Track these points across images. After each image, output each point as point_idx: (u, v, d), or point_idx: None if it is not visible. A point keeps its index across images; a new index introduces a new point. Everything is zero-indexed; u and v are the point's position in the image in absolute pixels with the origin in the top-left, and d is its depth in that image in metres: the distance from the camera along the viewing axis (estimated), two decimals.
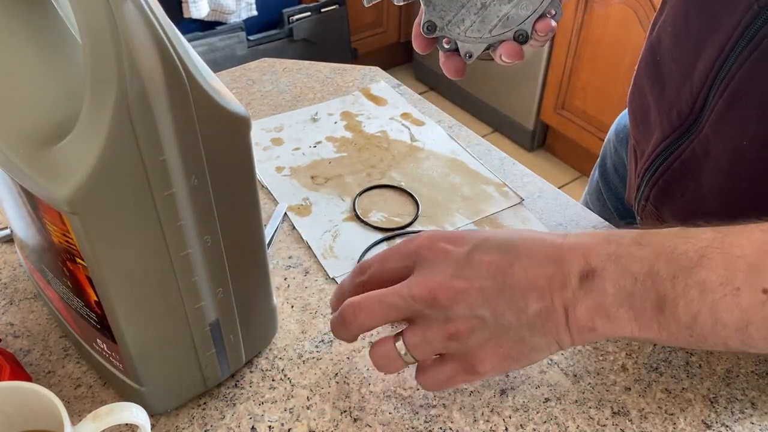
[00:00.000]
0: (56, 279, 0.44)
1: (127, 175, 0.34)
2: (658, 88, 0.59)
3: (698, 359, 0.54)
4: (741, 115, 0.50)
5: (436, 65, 2.80)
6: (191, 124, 0.35)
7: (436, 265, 0.41)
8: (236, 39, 2.15)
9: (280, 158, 0.75)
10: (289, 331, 0.56)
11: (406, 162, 0.75)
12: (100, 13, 0.30)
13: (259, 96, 0.86)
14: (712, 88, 0.52)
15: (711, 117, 0.52)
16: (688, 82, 0.54)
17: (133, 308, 0.40)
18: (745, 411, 0.51)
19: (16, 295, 0.58)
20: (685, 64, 0.55)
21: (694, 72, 0.53)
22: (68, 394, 0.50)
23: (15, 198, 0.41)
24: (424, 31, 0.48)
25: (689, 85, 0.54)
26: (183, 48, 0.33)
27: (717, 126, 0.52)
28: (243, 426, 0.48)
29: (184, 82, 0.34)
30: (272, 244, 0.64)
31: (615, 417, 0.50)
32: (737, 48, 0.48)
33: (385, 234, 0.65)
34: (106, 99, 0.32)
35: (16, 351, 0.53)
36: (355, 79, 0.91)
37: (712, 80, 0.51)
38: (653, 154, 0.60)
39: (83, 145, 0.33)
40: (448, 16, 0.48)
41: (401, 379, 0.52)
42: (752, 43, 0.47)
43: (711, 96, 0.52)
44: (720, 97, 0.51)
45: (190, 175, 0.37)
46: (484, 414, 0.50)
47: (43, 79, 0.38)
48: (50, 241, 0.40)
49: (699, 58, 0.52)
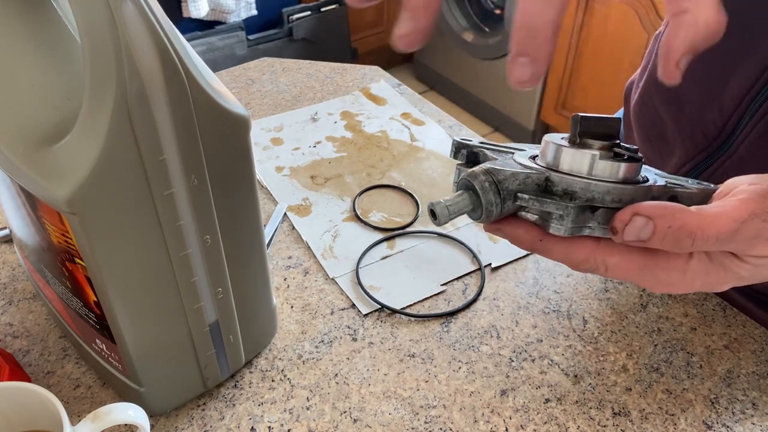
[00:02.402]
0: (55, 279, 0.44)
1: (126, 175, 0.34)
2: (674, 108, 0.58)
3: (699, 359, 0.54)
4: None
5: (436, 65, 2.80)
6: (191, 124, 0.35)
7: None
8: (236, 38, 2.15)
9: (280, 158, 0.75)
10: (289, 331, 0.56)
11: (406, 162, 0.75)
12: (99, 12, 0.30)
13: (259, 96, 0.86)
14: (748, 109, 0.51)
15: (747, 140, 0.52)
16: (715, 103, 0.53)
17: (133, 308, 0.40)
18: (746, 411, 0.51)
19: (15, 295, 0.58)
20: (712, 84, 0.53)
21: (724, 92, 0.52)
22: (67, 394, 0.50)
23: (14, 198, 0.41)
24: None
25: (717, 105, 0.53)
26: (183, 48, 0.33)
27: (755, 149, 0.51)
28: (242, 426, 0.48)
29: (183, 82, 0.34)
30: (272, 244, 0.64)
31: (615, 417, 0.50)
32: None
33: (385, 234, 0.65)
34: (105, 99, 0.32)
35: (15, 351, 0.53)
36: (355, 79, 0.90)
37: (749, 102, 0.50)
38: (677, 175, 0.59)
39: (82, 145, 0.33)
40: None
41: (401, 379, 0.52)
42: None
43: (746, 117, 0.51)
44: (760, 119, 0.50)
45: (190, 175, 0.37)
46: (484, 414, 0.50)
47: (43, 78, 0.37)
48: (49, 241, 0.40)
49: (729, 79, 0.51)
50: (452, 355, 0.54)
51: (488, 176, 0.34)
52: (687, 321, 0.58)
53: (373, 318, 0.57)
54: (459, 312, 0.58)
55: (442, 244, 0.65)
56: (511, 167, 0.35)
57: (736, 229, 0.33)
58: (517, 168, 0.35)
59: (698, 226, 0.33)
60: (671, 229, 0.33)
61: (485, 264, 0.62)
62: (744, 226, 0.33)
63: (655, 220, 0.33)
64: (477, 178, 0.34)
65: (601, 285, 0.61)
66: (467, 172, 0.35)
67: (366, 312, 0.57)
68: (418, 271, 0.62)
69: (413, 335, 0.56)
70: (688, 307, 0.59)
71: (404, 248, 0.64)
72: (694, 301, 0.60)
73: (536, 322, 0.57)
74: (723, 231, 0.33)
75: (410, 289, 0.60)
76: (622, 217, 0.34)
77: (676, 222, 0.33)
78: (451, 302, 0.59)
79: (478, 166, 0.35)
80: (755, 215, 0.33)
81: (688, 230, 0.33)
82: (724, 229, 0.33)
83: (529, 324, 0.57)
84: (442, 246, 0.64)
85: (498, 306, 0.59)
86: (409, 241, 0.65)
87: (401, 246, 0.64)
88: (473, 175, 0.35)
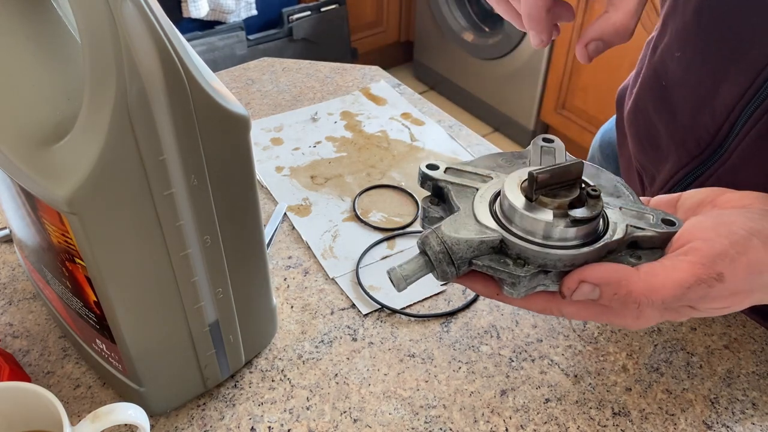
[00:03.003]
0: (55, 279, 0.44)
1: (126, 174, 0.34)
2: (667, 115, 0.58)
3: (699, 360, 0.54)
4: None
5: (436, 65, 2.79)
6: (191, 124, 0.35)
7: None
8: (236, 38, 2.15)
9: (280, 158, 0.75)
10: (289, 331, 0.56)
11: (406, 162, 0.75)
12: (99, 13, 0.30)
13: (259, 96, 0.86)
14: (740, 116, 0.51)
15: (740, 147, 0.51)
16: (708, 109, 0.53)
17: (133, 308, 0.40)
18: (746, 411, 0.51)
19: (15, 295, 0.58)
20: (703, 91, 0.53)
21: (715, 99, 0.52)
22: (67, 394, 0.50)
23: (14, 198, 0.41)
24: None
25: (709, 112, 0.53)
26: (183, 48, 0.33)
27: (748, 157, 0.51)
28: (242, 426, 0.48)
29: (183, 82, 0.34)
30: (272, 244, 0.64)
31: (615, 417, 0.50)
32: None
33: (385, 234, 0.65)
34: (105, 99, 0.32)
35: (15, 351, 0.53)
36: (355, 79, 0.90)
37: (741, 109, 0.50)
38: (670, 182, 0.58)
39: (82, 145, 0.33)
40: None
41: (401, 379, 0.52)
42: None
43: (738, 124, 0.51)
44: (752, 127, 0.50)
45: (190, 175, 0.37)
46: (484, 414, 0.50)
47: (43, 78, 0.37)
48: (49, 241, 0.40)
49: (720, 86, 0.51)
50: (452, 355, 0.54)
51: (442, 246, 0.35)
52: (687, 321, 0.58)
53: (373, 318, 0.57)
54: (459, 312, 0.58)
55: None
56: (466, 229, 0.36)
57: (682, 295, 0.33)
58: (472, 230, 0.35)
59: (643, 293, 0.33)
60: (617, 296, 0.34)
61: None
62: (689, 291, 0.33)
63: (601, 287, 0.34)
64: (431, 248, 0.35)
65: None
66: (421, 238, 0.36)
67: (366, 312, 0.57)
68: None
69: (413, 335, 0.56)
70: None
71: (404, 248, 0.64)
72: None
73: (536, 322, 0.57)
74: (668, 297, 0.33)
75: (410, 289, 0.59)
76: (569, 284, 0.35)
77: (621, 290, 0.34)
78: (451, 302, 0.59)
79: (433, 229, 0.36)
80: (701, 281, 0.33)
81: (634, 297, 0.33)
82: (669, 294, 0.33)
83: (529, 324, 0.57)
84: None
85: (498, 306, 0.58)
86: (409, 241, 0.65)
87: (401, 246, 0.64)
88: (426, 242, 0.35)
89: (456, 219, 0.36)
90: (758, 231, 0.35)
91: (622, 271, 0.34)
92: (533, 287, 0.36)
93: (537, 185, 0.35)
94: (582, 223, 0.34)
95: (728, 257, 0.34)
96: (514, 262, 0.35)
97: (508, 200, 0.36)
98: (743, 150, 0.51)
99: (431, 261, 0.35)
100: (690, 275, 0.33)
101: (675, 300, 0.34)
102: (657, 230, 0.36)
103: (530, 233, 0.35)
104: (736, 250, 0.34)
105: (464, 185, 0.39)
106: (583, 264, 0.35)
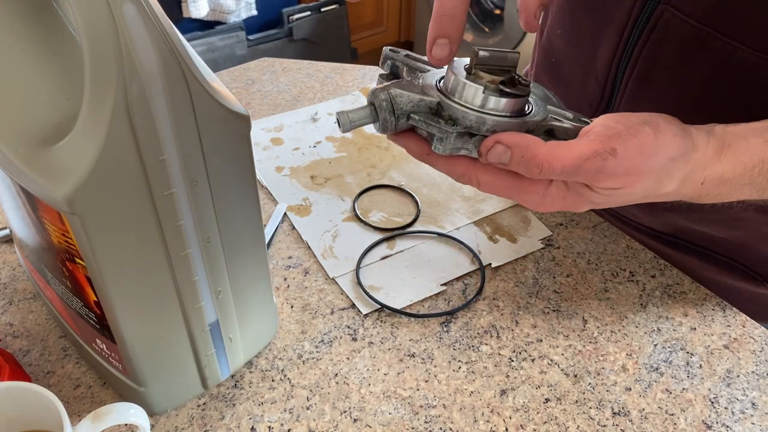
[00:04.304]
0: (56, 279, 0.44)
1: (126, 174, 0.34)
2: (562, 87, 0.65)
3: (699, 359, 0.54)
4: (651, 92, 0.55)
5: None
6: (191, 124, 0.35)
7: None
8: (236, 39, 2.15)
9: (280, 158, 0.75)
10: (289, 331, 0.56)
11: (406, 162, 0.75)
12: (100, 13, 0.30)
13: (259, 96, 0.86)
14: (617, 73, 0.57)
15: (624, 99, 0.58)
16: (592, 75, 0.60)
17: (133, 308, 0.40)
18: (746, 411, 0.51)
19: (16, 295, 0.58)
20: (585, 60, 0.60)
21: (596, 63, 0.59)
22: (68, 394, 0.50)
23: (14, 198, 0.41)
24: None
25: (594, 77, 0.60)
26: (183, 48, 0.33)
27: (630, 105, 0.57)
28: (242, 426, 0.48)
29: (183, 82, 0.34)
30: (272, 244, 0.64)
31: (615, 417, 0.50)
32: (635, 33, 0.54)
33: (385, 234, 0.65)
34: (105, 99, 0.32)
35: (15, 351, 0.53)
36: (355, 79, 0.90)
37: (616, 67, 0.57)
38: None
39: (83, 145, 0.33)
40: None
41: (401, 379, 0.52)
42: (648, 26, 0.53)
43: (618, 80, 0.58)
44: (628, 79, 0.56)
45: (190, 175, 0.37)
46: (484, 414, 0.50)
47: (43, 78, 0.37)
48: (49, 241, 0.40)
49: (597, 51, 0.58)
50: (452, 354, 0.54)
51: (387, 96, 0.40)
52: (687, 321, 0.58)
53: (373, 318, 0.57)
54: (459, 312, 0.58)
55: (442, 244, 0.65)
56: (410, 91, 0.41)
57: (579, 165, 0.38)
58: (416, 92, 0.41)
59: (545, 158, 0.39)
60: (523, 158, 0.39)
61: (485, 264, 0.62)
62: (586, 163, 0.38)
63: (512, 149, 0.39)
64: (378, 97, 0.40)
65: (601, 285, 0.61)
66: (372, 90, 0.41)
67: (366, 312, 0.57)
68: (418, 271, 0.62)
69: (413, 335, 0.56)
70: (688, 307, 0.59)
71: (404, 248, 0.64)
72: (693, 301, 0.60)
73: (536, 322, 0.57)
74: (567, 165, 0.38)
75: (410, 289, 0.60)
76: (486, 143, 0.40)
77: (528, 153, 0.39)
78: (451, 302, 0.59)
79: (383, 85, 0.41)
80: (597, 154, 0.38)
81: (537, 161, 0.39)
82: (568, 163, 0.38)
83: (529, 324, 0.57)
84: (442, 246, 0.64)
85: (498, 306, 0.59)
86: (409, 241, 0.65)
87: (401, 246, 0.64)
88: (375, 93, 0.40)
89: (403, 83, 0.42)
90: (650, 122, 0.40)
91: (532, 139, 0.39)
92: (458, 148, 0.41)
93: (477, 60, 0.40)
94: (508, 96, 0.40)
95: (621, 137, 0.39)
96: (446, 121, 0.40)
97: (451, 70, 0.41)
98: (627, 101, 0.58)
99: (375, 110, 0.40)
100: (587, 149, 0.39)
101: (574, 170, 0.39)
102: (572, 123, 0.42)
103: (464, 101, 0.40)
104: (629, 132, 0.39)
105: (417, 69, 0.45)
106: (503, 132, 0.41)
